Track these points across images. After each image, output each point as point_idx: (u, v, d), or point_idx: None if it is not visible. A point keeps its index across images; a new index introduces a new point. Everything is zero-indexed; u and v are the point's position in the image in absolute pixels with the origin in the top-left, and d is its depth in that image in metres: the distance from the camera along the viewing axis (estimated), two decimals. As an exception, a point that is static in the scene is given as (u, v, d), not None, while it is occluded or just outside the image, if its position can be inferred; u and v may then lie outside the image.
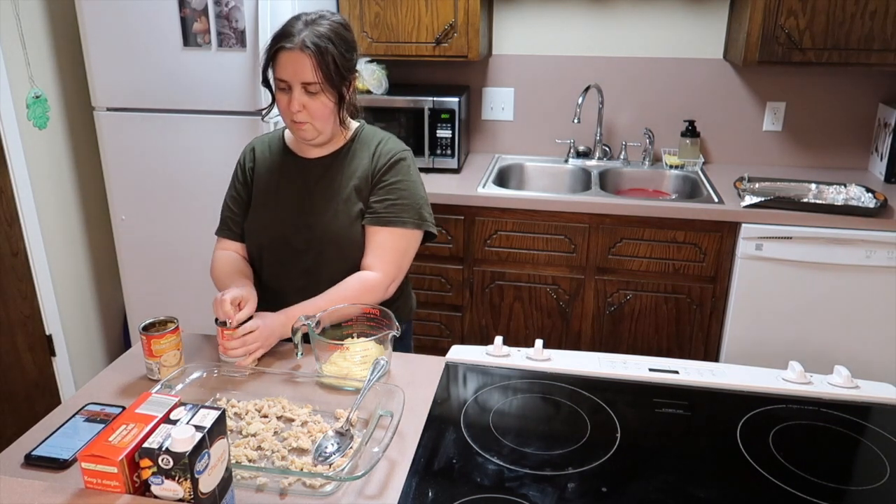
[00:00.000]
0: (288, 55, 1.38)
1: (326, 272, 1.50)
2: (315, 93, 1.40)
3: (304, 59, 1.37)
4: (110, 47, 2.29)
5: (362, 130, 1.58)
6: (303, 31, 1.38)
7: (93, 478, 0.87)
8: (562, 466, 1.07)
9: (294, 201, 1.52)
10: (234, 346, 1.32)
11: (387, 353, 1.31)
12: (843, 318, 2.25)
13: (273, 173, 1.56)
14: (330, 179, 1.52)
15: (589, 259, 2.38)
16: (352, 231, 1.50)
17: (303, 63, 1.37)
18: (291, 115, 1.42)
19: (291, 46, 1.37)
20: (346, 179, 1.52)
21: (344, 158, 1.54)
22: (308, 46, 1.37)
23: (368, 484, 1.03)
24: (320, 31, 1.39)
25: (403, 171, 1.53)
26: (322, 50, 1.38)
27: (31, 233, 2.39)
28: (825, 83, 2.64)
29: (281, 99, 1.43)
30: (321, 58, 1.37)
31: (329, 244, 1.50)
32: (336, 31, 1.42)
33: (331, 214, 1.50)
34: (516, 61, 2.82)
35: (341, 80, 1.42)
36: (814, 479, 1.06)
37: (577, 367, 1.36)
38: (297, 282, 1.52)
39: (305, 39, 1.37)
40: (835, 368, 1.33)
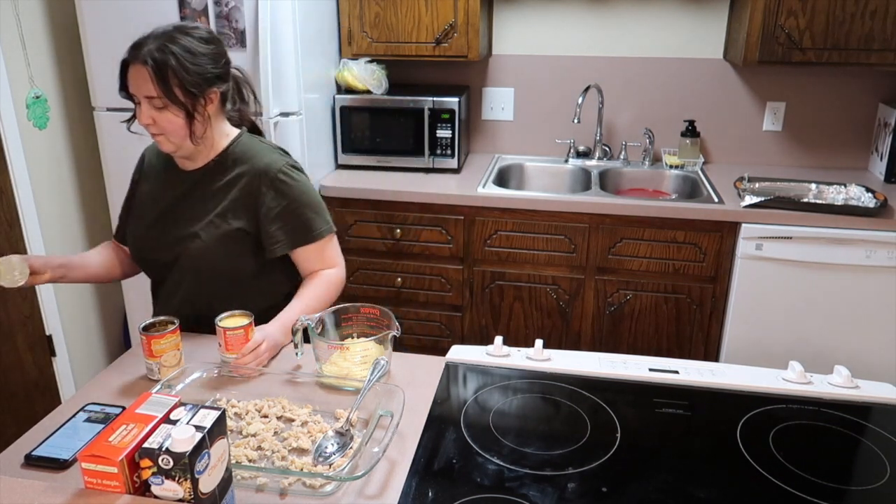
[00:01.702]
0: (133, 69, 1.36)
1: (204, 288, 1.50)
2: (161, 107, 1.37)
3: (144, 72, 1.34)
4: (110, 47, 2.29)
5: (237, 144, 1.50)
6: (149, 43, 1.35)
7: (93, 478, 0.87)
8: (562, 466, 1.07)
9: (165, 213, 1.51)
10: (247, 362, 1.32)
11: (387, 353, 1.31)
12: (843, 318, 2.25)
13: (153, 183, 1.56)
14: (200, 194, 1.49)
15: (589, 259, 2.38)
16: (219, 250, 1.46)
17: (143, 77, 1.34)
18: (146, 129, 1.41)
19: (133, 60, 1.35)
20: (215, 196, 1.47)
21: (213, 174, 1.49)
22: (147, 61, 1.33)
23: (368, 484, 1.03)
24: (167, 44, 1.35)
25: (289, 187, 1.48)
26: (162, 64, 1.33)
27: (31, 233, 2.39)
28: (825, 83, 2.64)
29: (136, 111, 1.41)
30: (160, 72, 1.33)
31: (194, 260, 1.47)
32: (188, 44, 1.37)
33: (195, 231, 1.46)
34: (516, 61, 2.82)
35: (187, 94, 1.36)
36: (814, 479, 1.06)
37: (577, 367, 1.36)
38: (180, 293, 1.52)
39: (147, 53, 1.33)
40: (835, 368, 1.32)
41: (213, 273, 1.49)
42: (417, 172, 2.62)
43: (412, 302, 2.56)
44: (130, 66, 1.36)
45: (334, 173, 2.62)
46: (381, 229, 2.49)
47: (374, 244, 2.51)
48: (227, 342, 1.31)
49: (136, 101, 1.39)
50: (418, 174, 2.60)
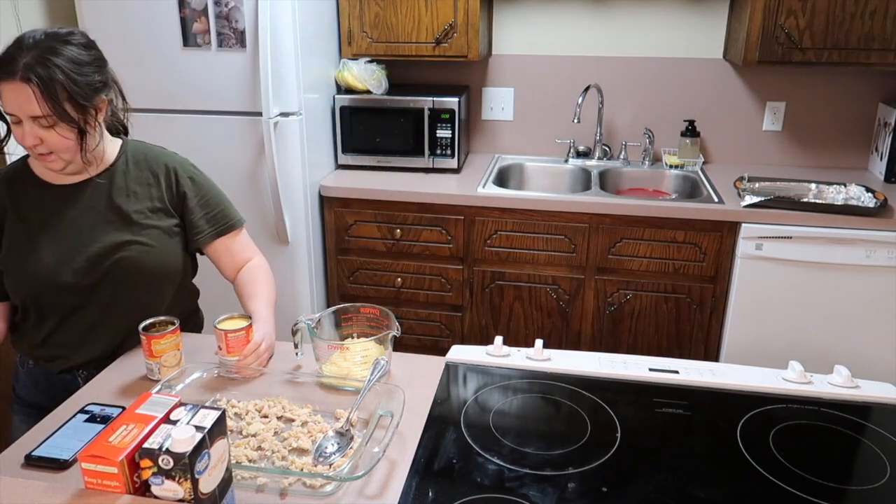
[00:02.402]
0: (9, 86, 1.19)
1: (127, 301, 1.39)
2: (49, 126, 1.23)
3: (27, 90, 1.19)
4: (110, 47, 2.27)
5: (129, 146, 1.46)
6: (24, 56, 1.19)
7: (93, 478, 0.87)
8: (562, 466, 1.07)
9: (70, 234, 1.35)
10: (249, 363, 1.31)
11: (387, 353, 1.31)
12: (843, 318, 2.25)
13: (30, 211, 1.35)
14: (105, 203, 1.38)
15: (589, 259, 2.38)
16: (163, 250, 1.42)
17: (26, 95, 1.19)
18: (31, 150, 1.27)
19: (9, 76, 1.18)
20: (125, 200, 1.39)
21: (113, 179, 1.40)
22: (30, 78, 1.18)
23: (368, 484, 1.03)
24: (49, 57, 1.20)
25: (203, 178, 1.50)
26: (48, 80, 1.19)
27: (31, 233, 2.39)
28: (825, 83, 2.64)
29: (16, 131, 1.25)
30: (46, 89, 1.19)
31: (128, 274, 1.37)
32: (68, 53, 1.23)
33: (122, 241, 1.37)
34: (516, 61, 2.82)
35: (78, 109, 1.25)
36: (814, 479, 1.06)
37: (577, 367, 1.36)
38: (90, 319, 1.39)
39: (26, 68, 1.18)
40: (835, 368, 1.32)
41: (153, 278, 1.40)
42: (417, 172, 2.62)
43: (412, 302, 2.56)
44: (6, 84, 1.19)
45: (334, 173, 2.62)
46: (381, 229, 2.49)
47: (374, 244, 2.51)
48: (229, 345, 1.31)
49: (13, 119, 1.24)
50: (418, 174, 2.60)
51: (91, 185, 1.39)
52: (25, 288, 1.37)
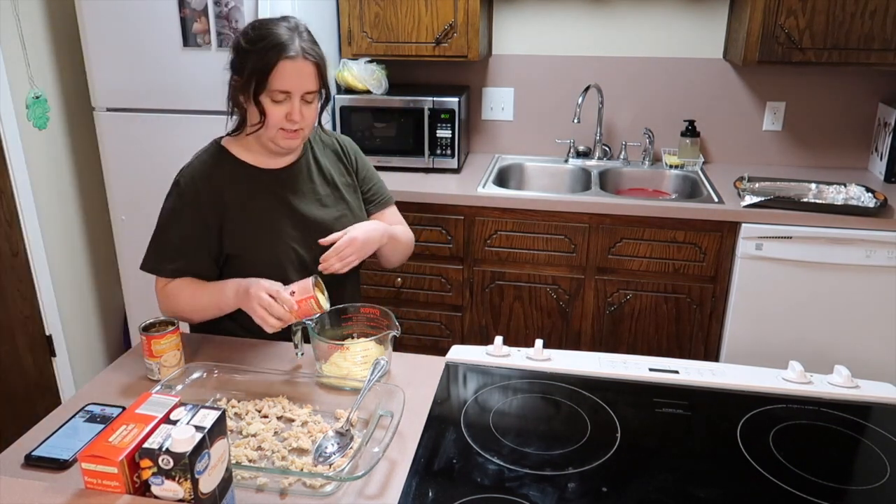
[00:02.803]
0: (292, 64, 1.33)
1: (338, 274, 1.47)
2: (311, 102, 1.39)
3: (308, 67, 1.35)
4: (110, 47, 2.29)
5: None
6: (294, 37, 1.34)
7: (93, 478, 0.87)
8: (562, 466, 1.07)
9: (289, 213, 1.46)
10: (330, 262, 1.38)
11: (387, 353, 1.31)
12: (843, 318, 2.25)
13: (248, 196, 1.44)
14: (315, 182, 1.52)
15: (589, 259, 2.38)
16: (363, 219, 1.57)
17: (307, 72, 1.35)
18: (290, 126, 1.37)
19: (295, 55, 1.33)
20: (329, 178, 1.54)
21: (314, 160, 1.54)
22: (310, 54, 1.35)
23: (368, 484, 1.03)
24: (308, 37, 1.38)
25: (365, 157, 1.66)
26: (319, 56, 1.38)
27: (31, 233, 2.39)
28: (825, 83, 2.64)
29: (276, 111, 1.36)
30: (320, 67, 1.38)
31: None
32: (312, 35, 1.41)
33: (336, 215, 1.51)
34: (516, 61, 2.82)
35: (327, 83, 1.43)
36: (814, 479, 1.06)
37: (577, 367, 1.36)
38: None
39: (304, 47, 1.35)
40: (835, 368, 1.33)
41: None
42: (417, 172, 2.62)
43: (412, 302, 2.56)
44: (288, 63, 1.33)
45: (334, 173, 2.62)
46: (381, 229, 2.48)
47: (374, 244, 2.51)
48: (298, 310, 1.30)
49: (280, 98, 1.35)
50: (418, 174, 2.60)
51: (297, 168, 1.51)
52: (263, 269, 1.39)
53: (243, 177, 1.45)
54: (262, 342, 1.49)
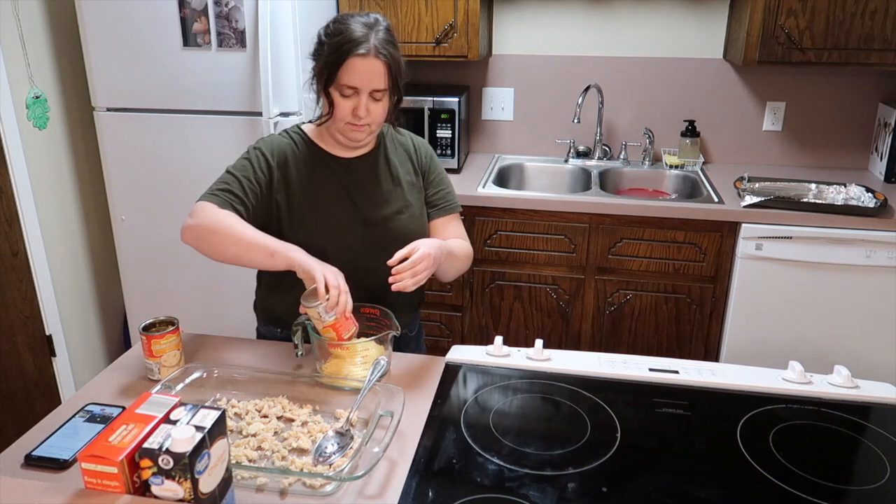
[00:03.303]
0: (362, 62, 1.35)
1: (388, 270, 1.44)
2: (379, 99, 1.41)
3: (379, 65, 1.37)
4: (110, 47, 2.29)
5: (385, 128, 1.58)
6: (369, 35, 1.36)
7: (93, 478, 0.87)
8: (562, 466, 1.07)
9: (349, 202, 1.49)
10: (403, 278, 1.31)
11: (387, 353, 1.31)
12: (843, 318, 2.25)
13: (314, 178, 1.49)
14: (381, 176, 1.52)
15: (589, 259, 2.38)
16: (420, 225, 1.55)
17: (377, 70, 1.37)
18: (356, 120, 1.40)
19: (365, 53, 1.35)
20: (395, 175, 1.54)
21: (384, 155, 1.55)
22: (382, 53, 1.36)
23: (368, 484, 1.03)
24: (384, 36, 1.38)
25: (438, 162, 1.64)
26: (393, 56, 1.39)
27: (31, 233, 2.39)
28: (825, 83, 2.64)
29: (343, 105, 1.39)
30: (392, 65, 1.39)
31: (396, 241, 1.42)
32: (393, 35, 1.43)
33: (394, 211, 1.51)
34: (516, 61, 2.82)
35: (401, 85, 1.44)
36: (814, 479, 1.06)
37: (577, 367, 1.36)
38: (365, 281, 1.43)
39: (378, 46, 1.36)
40: (835, 368, 1.33)
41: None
42: (417, 172, 2.62)
43: (412, 302, 2.56)
44: (358, 60, 1.35)
45: (334, 173, 2.62)
46: (381, 229, 2.48)
47: (374, 244, 2.51)
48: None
49: (349, 93, 1.38)
50: (418, 174, 2.60)
51: (365, 160, 1.52)
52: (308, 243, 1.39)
53: (311, 157, 1.50)
54: (262, 342, 1.49)
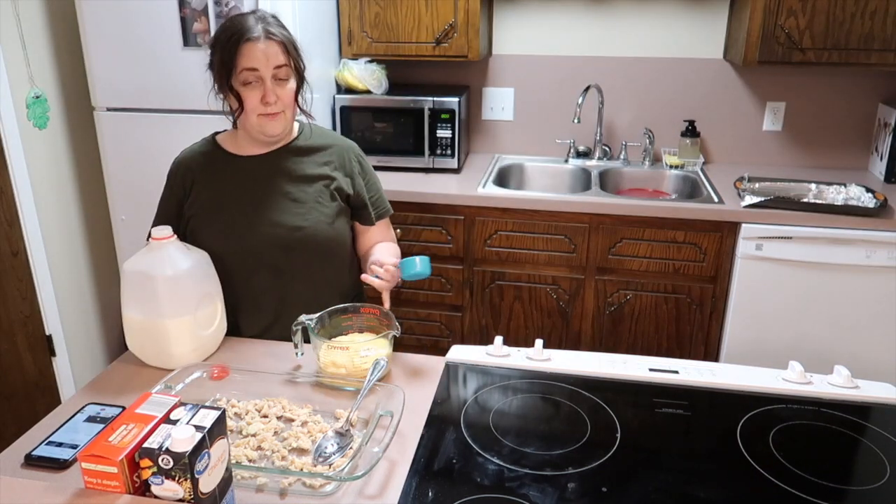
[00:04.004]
0: (255, 45, 1.40)
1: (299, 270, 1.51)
2: (284, 79, 1.44)
3: (273, 45, 1.41)
4: (110, 47, 2.29)
5: (306, 126, 1.61)
6: (257, 22, 1.41)
7: (93, 478, 0.87)
8: (562, 466, 1.07)
9: (253, 202, 1.50)
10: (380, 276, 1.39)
11: (387, 353, 1.31)
12: (843, 318, 2.25)
13: (218, 180, 1.53)
14: (290, 176, 1.52)
15: (589, 259, 2.38)
16: (332, 226, 1.53)
17: (272, 49, 1.41)
18: (265, 109, 1.43)
19: (258, 36, 1.40)
20: (310, 174, 1.54)
21: (298, 154, 1.55)
22: (272, 33, 1.41)
23: (368, 484, 1.03)
24: (273, 20, 1.44)
25: (368, 163, 1.64)
26: (286, 36, 1.44)
27: (31, 233, 2.39)
28: (825, 83, 2.64)
29: (250, 95, 1.43)
30: (286, 43, 1.43)
31: (302, 241, 1.49)
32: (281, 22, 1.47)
33: (304, 210, 1.51)
34: (516, 61, 2.82)
35: (298, 67, 1.47)
36: (814, 479, 1.06)
37: (577, 367, 1.36)
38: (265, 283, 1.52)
39: (267, 28, 1.41)
40: (835, 368, 1.32)
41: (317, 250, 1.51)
42: (417, 172, 2.62)
43: (412, 302, 2.56)
44: (251, 45, 1.39)
45: (334, 173, 2.62)
46: (381, 229, 2.48)
47: (374, 244, 2.51)
48: None
49: (251, 79, 1.41)
50: (418, 174, 2.60)
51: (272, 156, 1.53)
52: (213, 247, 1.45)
53: (217, 161, 1.54)
54: (262, 342, 1.49)
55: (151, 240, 1.31)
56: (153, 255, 1.29)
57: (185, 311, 1.30)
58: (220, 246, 1.47)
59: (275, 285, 1.52)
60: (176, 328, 1.29)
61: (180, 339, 1.31)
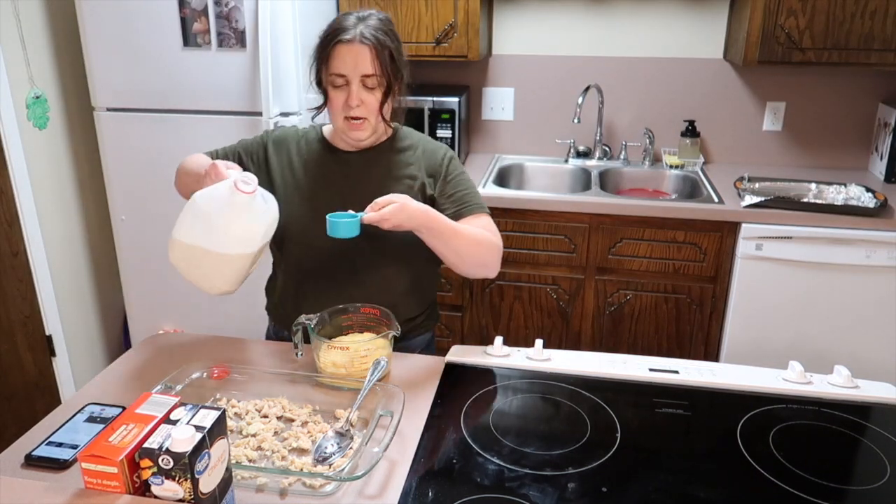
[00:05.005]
0: (347, 48, 1.37)
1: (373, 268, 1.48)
2: (372, 87, 1.40)
3: (364, 51, 1.37)
4: (110, 47, 2.29)
5: (401, 129, 1.57)
6: (357, 25, 1.38)
7: (93, 478, 0.87)
8: (562, 466, 1.07)
9: (335, 191, 1.48)
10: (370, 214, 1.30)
11: (387, 353, 1.31)
12: (843, 318, 2.25)
13: (310, 165, 1.52)
14: (379, 174, 1.50)
15: (589, 259, 2.38)
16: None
17: (363, 55, 1.37)
18: (348, 112, 1.41)
19: (350, 39, 1.36)
20: (396, 171, 1.50)
21: (390, 153, 1.52)
22: (367, 38, 1.37)
23: (368, 484, 1.03)
24: (375, 24, 1.40)
25: (460, 165, 1.56)
26: (380, 42, 1.38)
27: (31, 233, 2.39)
28: (825, 83, 2.64)
29: (336, 97, 1.41)
30: (380, 49, 1.38)
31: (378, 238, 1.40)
32: (387, 25, 1.42)
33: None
34: (516, 61, 2.82)
35: (396, 73, 1.42)
36: (814, 479, 1.06)
37: (577, 367, 1.36)
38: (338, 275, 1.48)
39: (363, 32, 1.37)
40: (835, 368, 1.33)
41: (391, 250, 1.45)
42: (417, 172, 2.61)
43: (412, 302, 2.56)
44: (343, 47, 1.37)
45: (334, 173, 2.62)
46: (381, 229, 2.48)
47: (374, 244, 2.51)
48: None
49: (339, 83, 1.39)
50: (418, 174, 2.60)
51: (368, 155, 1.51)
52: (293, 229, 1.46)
53: (312, 146, 1.53)
54: (262, 342, 1.49)
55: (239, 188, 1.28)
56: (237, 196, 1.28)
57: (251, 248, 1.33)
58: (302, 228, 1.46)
59: (348, 280, 1.47)
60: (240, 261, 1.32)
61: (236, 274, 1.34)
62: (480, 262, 1.46)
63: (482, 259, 1.45)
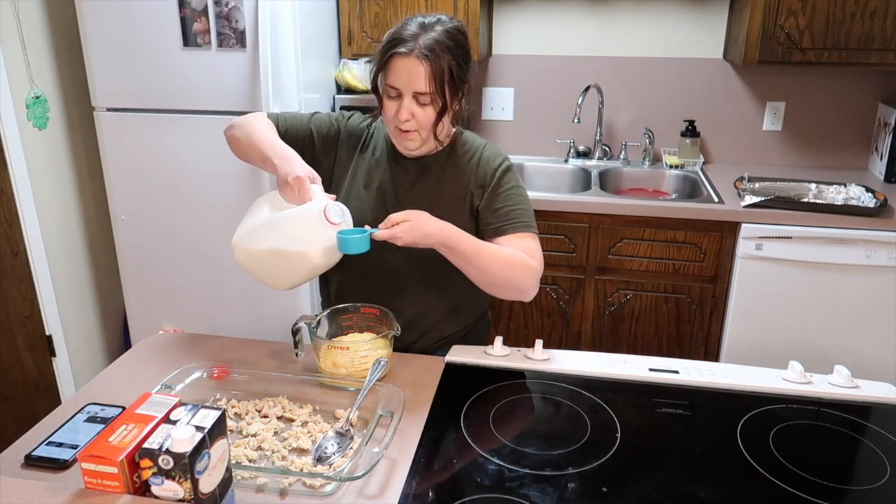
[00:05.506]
0: (402, 62, 1.30)
1: (417, 277, 1.46)
2: (425, 104, 1.33)
3: (419, 67, 1.29)
4: (110, 47, 2.29)
5: (462, 134, 1.51)
6: (419, 35, 1.30)
7: (93, 478, 0.87)
8: (562, 466, 1.07)
9: (387, 194, 1.46)
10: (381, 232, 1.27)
11: (387, 353, 1.31)
12: (843, 318, 2.25)
13: (371, 168, 1.49)
14: (433, 180, 1.46)
15: (589, 259, 2.38)
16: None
17: (417, 71, 1.30)
18: (398, 124, 1.36)
19: (406, 52, 1.29)
20: (448, 181, 1.46)
21: (446, 160, 1.47)
22: (425, 54, 1.29)
23: (368, 484, 1.03)
24: (437, 37, 1.30)
25: (515, 179, 1.47)
26: (438, 62, 1.30)
27: (31, 233, 2.39)
28: (825, 83, 2.64)
29: (389, 106, 1.36)
30: (436, 71, 1.30)
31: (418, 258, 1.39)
32: (454, 37, 1.33)
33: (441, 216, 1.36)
34: (516, 61, 2.82)
35: (454, 90, 1.35)
36: (814, 479, 1.06)
37: (577, 367, 1.36)
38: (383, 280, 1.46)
39: (423, 46, 1.29)
40: (835, 368, 1.33)
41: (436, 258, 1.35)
42: (417, 172, 2.61)
43: (412, 302, 2.56)
44: (399, 60, 1.30)
45: (334, 173, 2.62)
46: (381, 229, 2.48)
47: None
48: None
49: (392, 94, 1.34)
50: (418, 174, 2.60)
51: (423, 162, 1.47)
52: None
53: (379, 145, 1.50)
54: (262, 342, 1.49)
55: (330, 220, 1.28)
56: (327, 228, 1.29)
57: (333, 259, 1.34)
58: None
59: (392, 286, 1.45)
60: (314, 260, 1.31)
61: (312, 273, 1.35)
62: (510, 285, 1.38)
63: (512, 282, 1.37)
